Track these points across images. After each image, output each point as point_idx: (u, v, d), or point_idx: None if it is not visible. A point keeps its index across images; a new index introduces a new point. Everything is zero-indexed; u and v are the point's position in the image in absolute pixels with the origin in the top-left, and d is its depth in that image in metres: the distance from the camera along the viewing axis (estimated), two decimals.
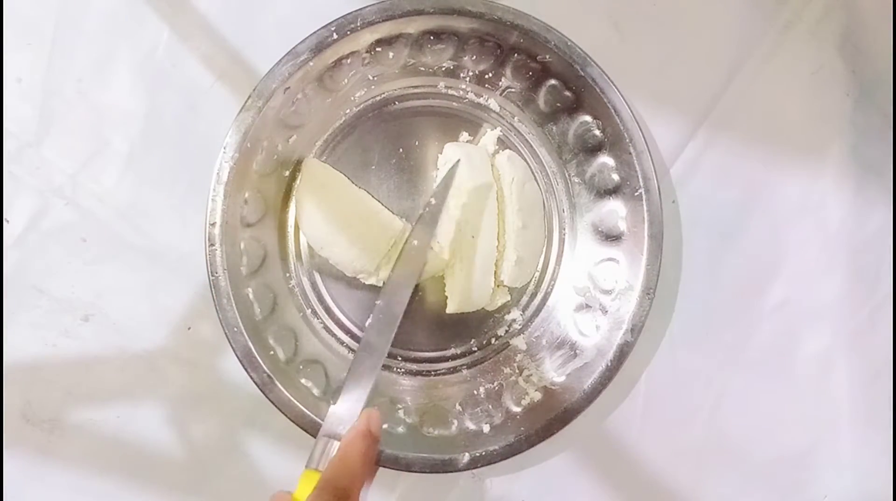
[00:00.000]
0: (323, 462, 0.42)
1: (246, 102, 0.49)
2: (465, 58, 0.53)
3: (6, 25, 0.53)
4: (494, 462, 0.50)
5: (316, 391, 0.50)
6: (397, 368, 0.54)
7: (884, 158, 0.56)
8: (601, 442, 0.54)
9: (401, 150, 0.54)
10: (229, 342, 0.49)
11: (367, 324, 0.49)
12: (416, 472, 0.49)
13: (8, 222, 0.53)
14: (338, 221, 0.51)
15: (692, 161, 0.56)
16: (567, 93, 0.52)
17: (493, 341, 0.55)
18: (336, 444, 0.42)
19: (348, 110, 0.54)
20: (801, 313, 0.56)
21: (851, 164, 0.56)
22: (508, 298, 0.54)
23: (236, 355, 0.49)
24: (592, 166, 0.54)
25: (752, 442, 0.55)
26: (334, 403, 0.45)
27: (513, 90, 0.54)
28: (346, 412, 0.44)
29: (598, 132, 0.52)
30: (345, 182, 0.53)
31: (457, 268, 0.52)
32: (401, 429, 0.51)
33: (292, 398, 0.49)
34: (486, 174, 0.53)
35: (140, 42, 0.54)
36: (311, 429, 0.48)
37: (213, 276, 0.49)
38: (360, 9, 0.49)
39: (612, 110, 0.51)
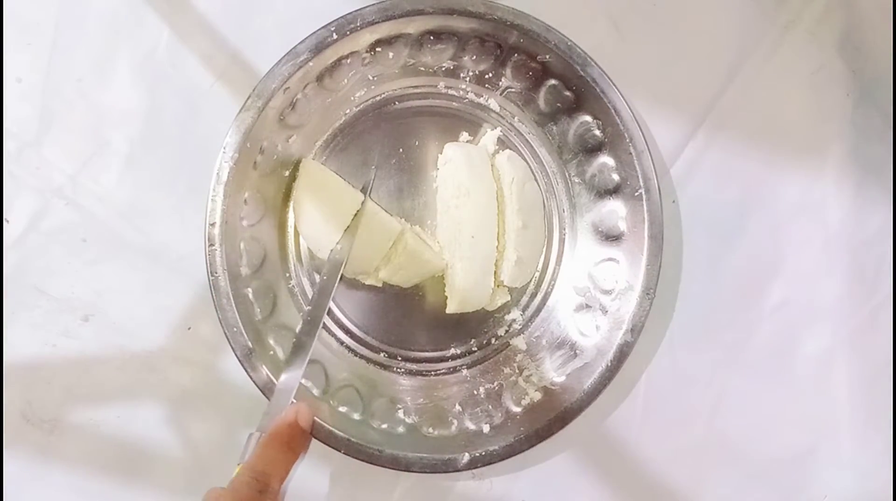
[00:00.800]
0: (245, 456, 0.43)
1: (246, 102, 0.49)
2: (465, 58, 0.53)
3: (6, 25, 0.53)
4: (494, 462, 0.50)
5: (315, 391, 0.50)
6: (397, 368, 0.54)
7: (884, 158, 0.56)
8: (601, 442, 0.54)
9: (401, 150, 0.54)
10: (229, 342, 0.49)
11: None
12: (416, 472, 0.49)
13: (8, 222, 0.53)
14: (336, 222, 0.51)
15: (692, 161, 0.56)
16: (567, 93, 0.52)
17: (493, 341, 0.55)
18: (253, 436, 0.44)
19: (348, 110, 0.54)
20: (801, 313, 0.56)
21: (851, 164, 0.56)
22: (508, 298, 0.54)
23: (236, 355, 0.49)
24: (592, 166, 0.54)
25: (752, 442, 0.55)
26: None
27: (513, 90, 0.54)
28: (274, 411, 0.46)
29: (598, 132, 0.52)
30: (342, 184, 0.53)
31: (457, 268, 0.52)
32: (401, 429, 0.51)
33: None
34: (486, 174, 0.53)
35: (140, 42, 0.54)
36: (311, 429, 0.48)
37: (212, 276, 0.49)
38: (360, 9, 0.49)
39: (612, 110, 0.51)
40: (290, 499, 0.51)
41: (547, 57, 0.51)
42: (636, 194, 0.51)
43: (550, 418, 0.50)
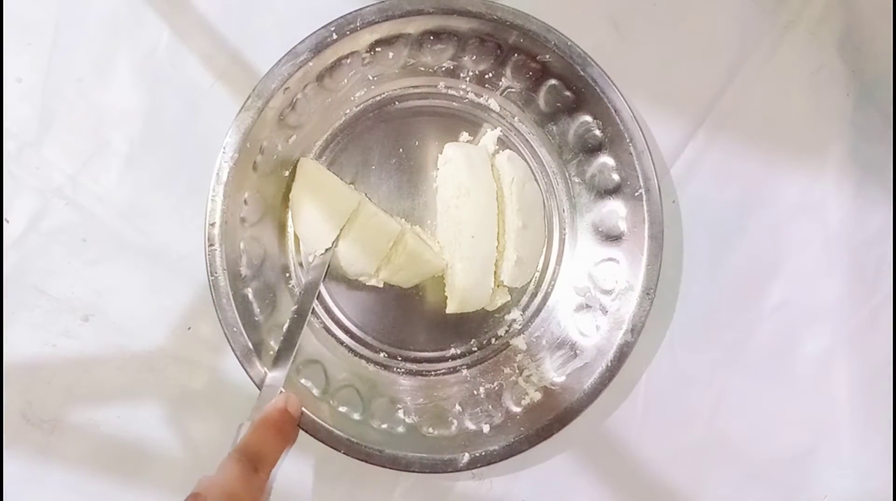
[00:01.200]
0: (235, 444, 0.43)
1: (246, 102, 0.49)
2: (465, 58, 0.53)
3: (6, 25, 0.53)
4: (494, 462, 0.50)
5: (315, 391, 0.50)
6: (397, 368, 0.54)
7: (884, 158, 0.56)
8: (601, 442, 0.54)
9: (401, 150, 0.54)
10: (229, 342, 0.49)
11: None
12: (416, 472, 0.49)
13: (8, 222, 0.53)
14: (332, 223, 0.51)
15: (692, 161, 0.56)
16: (567, 93, 0.52)
17: (493, 341, 0.55)
18: (245, 425, 0.44)
19: (348, 110, 0.54)
20: (801, 313, 0.56)
21: (851, 164, 0.56)
22: (508, 298, 0.54)
23: (236, 355, 0.49)
24: (592, 166, 0.54)
25: (752, 442, 0.55)
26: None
27: (513, 90, 0.54)
28: (262, 404, 0.46)
29: (598, 132, 0.52)
30: (339, 184, 0.53)
31: (457, 268, 0.52)
32: (401, 429, 0.51)
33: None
34: (485, 174, 0.53)
35: (140, 42, 0.54)
36: (311, 429, 0.48)
37: (212, 276, 0.49)
38: (360, 9, 0.49)
39: (612, 110, 0.51)
40: (290, 500, 0.52)
41: (547, 57, 0.51)
42: (636, 194, 0.51)
43: (550, 418, 0.50)
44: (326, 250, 0.52)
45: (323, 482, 0.53)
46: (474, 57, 0.53)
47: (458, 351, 0.55)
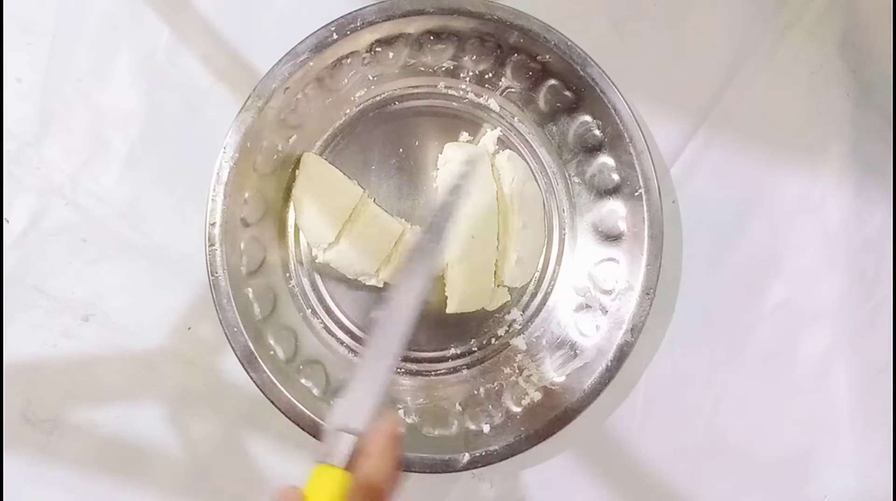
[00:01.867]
0: (337, 457, 0.36)
1: (246, 102, 0.49)
2: (465, 58, 0.53)
3: (6, 25, 0.53)
4: (494, 462, 0.50)
5: (316, 391, 0.50)
6: (397, 368, 0.54)
7: (884, 158, 0.56)
8: (601, 442, 0.54)
9: (401, 150, 0.54)
10: (229, 342, 0.49)
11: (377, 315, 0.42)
12: (416, 472, 0.49)
13: (8, 222, 0.53)
14: (334, 216, 0.51)
15: (692, 161, 0.56)
16: (567, 93, 0.52)
17: (493, 341, 0.55)
18: (348, 437, 0.36)
19: (348, 110, 0.54)
20: (801, 313, 0.56)
21: (851, 164, 0.56)
22: (508, 298, 0.54)
23: (236, 355, 0.49)
24: (592, 166, 0.54)
25: (752, 442, 0.55)
26: (341, 396, 0.39)
27: (513, 90, 0.54)
28: (357, 405, 0.38)
29: (598, 132, 0.52)
30: (342, 178, 0.53)
31: (457, 268, 0.52)
32: (401, 429, 0.51)
33: (292, 399, 0.49)
34: (486, 174, 0.53)
35: (140, 42, 0.54)
36: (311, 429, 0.48)
37: (213, 276, 0.49)
38: (360, 9, 0.49)
39: (612, 110, 0.51)
40: None
41: (547, 57, 0.51)
42: (636, 193, 0.51)
43: (550, 418, 0.50)
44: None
45: None
46: (474, 57, 0.53)
47: (458, 351, 0.55)
